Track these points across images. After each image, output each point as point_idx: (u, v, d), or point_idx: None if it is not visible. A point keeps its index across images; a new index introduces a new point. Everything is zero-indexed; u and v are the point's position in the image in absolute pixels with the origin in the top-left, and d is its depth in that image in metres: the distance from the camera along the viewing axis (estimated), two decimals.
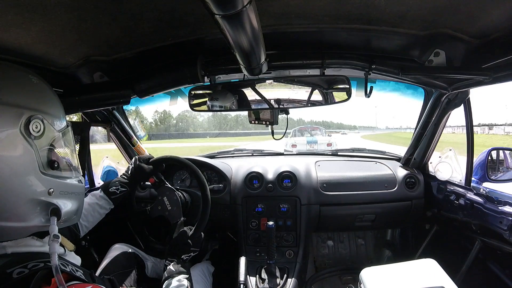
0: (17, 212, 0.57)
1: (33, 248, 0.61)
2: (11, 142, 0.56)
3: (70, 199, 0.66)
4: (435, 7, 0.81)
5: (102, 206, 1.19)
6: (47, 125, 0.61)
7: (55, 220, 0.60)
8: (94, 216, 1.16)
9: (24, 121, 0.57)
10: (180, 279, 1.03)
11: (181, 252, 1.14)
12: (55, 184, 0.62)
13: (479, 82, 1.08)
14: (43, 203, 0.60)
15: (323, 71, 1.16)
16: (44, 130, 0.60)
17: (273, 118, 1.33)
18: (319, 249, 2.15)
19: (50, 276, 0.53)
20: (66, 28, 0.81)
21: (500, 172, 1.53)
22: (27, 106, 0.58)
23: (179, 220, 1.31)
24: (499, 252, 1.24)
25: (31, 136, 0.58)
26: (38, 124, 0.59)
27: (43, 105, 0.62)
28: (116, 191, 1.24)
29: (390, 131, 64.65)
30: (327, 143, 9.82)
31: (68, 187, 0.66)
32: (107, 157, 1.72)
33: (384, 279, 1.15)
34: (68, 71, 1.09)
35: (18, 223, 0.58)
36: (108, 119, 1.57)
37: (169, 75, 1.14)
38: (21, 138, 0.57)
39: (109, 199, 1.21)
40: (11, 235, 0.59)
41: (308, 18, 0.90)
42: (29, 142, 0.58)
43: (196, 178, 1.37)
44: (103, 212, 1.20)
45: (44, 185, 0.60)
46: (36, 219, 0.60)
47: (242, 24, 0.62)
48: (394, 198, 1.66)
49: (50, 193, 0.61)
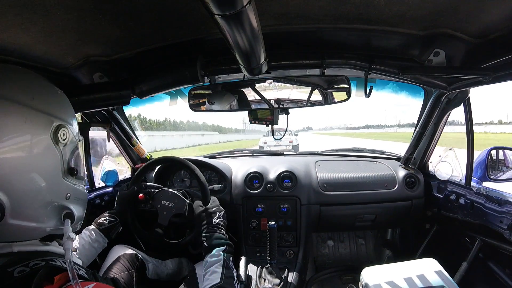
0: (35, 213, 0.60)
1: (37, 247, 0.62)
2: (42, 146, 0.60)
3: (81, 205, 0.71)
4: (434, 6, 0.81)
5: (96, 240, 1.16)
6: (70, 134, 0.65)
7: (69, 222, 0.64)
8: (90, 250, 1.14)
9: (54, 129, 0.62)
10: (217, 253, 1.06)
11: (211, 225, 1.17)
12: (72, 189, 0.66)
13: (479, 82, 1.08)
14: (60, 206, 0.64)
15: (323, 71, 1.16)
16: (68, 139, 0.65)
17: (273, 118, 1.33)
18: (319, 249, 2.15)
19: (53, 274, 0.53)
20: (66, 29, 0.81)
21: (500, 172, 1.52)
22: (56, 115, 0.63)
23: (186, 203, 1.29)
24: (500, 252, 1.24)
25: (59, 143, 0.62)
26: (65, 132, 0.64)
27: (67, 116, 0.67)
28: (105, 222, 1.21)
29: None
30: (289, 140, 13.64)
31: (80, 193, 0.70)
32: (107, 158, 1.72)
33: (385, 279, 1.15)
34: (68, 72, 1.08)
35: (34, 224, 0.60)
36: (108, 119, 1.57)
37: (169, 75, 1.14)
38: (51, 144, 0.61)
39: (99, 230, 1.18)
40: (24, 235, 0.60)
41: (307, 18, 0.90)
42: (57, 148, 0.62)
43: (196, 178, 1.37)
44: (98, 247, 1.17)
45: (63, 190, 0.65)
46: (51, 221, 0.63)
47: (242, 24, 0.62)
48: (394, 198, 1.66)
49: (67, 198, 0.65)
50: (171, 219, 1.31)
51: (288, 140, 13.59)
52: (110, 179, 1.68)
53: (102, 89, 1.16)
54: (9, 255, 0.57)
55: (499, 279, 1.23)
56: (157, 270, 1.34)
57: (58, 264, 0.57)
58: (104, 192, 1.63)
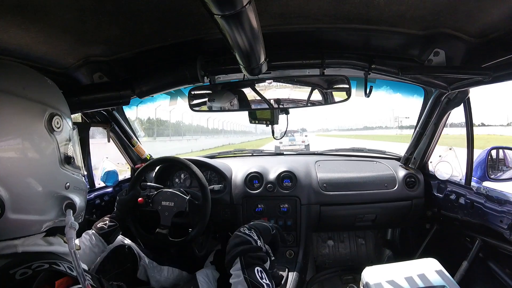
0: (36, 205, 0.60)
1: (41, 247, 0.61)
2: (37, 135, 0.59)
3: (81, 195, 0.70)
4: (434, 6, 0.81)
5: (96, 244, 1.15)
6: (64, 122, 0.65)
7: (71, 212, 0.63)
8: (90, 255, 1.13)
9: (47, 117, 0.61)
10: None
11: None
12: (70, 179, 0.66)
13: (479, 82, 1.08)
14: (60, 197, 0.63)
15: (322, 71, 1.16)
16: (63, 127, 0.64)
17: (273, 117, 1.33)
18: (320, 249, 2.15)
19: (54, 278, 0.53)
20: (66, 29, 0.81)
21: (500, 171, 1.53)
22: (48, 103, 0.62)
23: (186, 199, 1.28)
24: (500, 251, 1.24)
25: (53, 131, 0.62)
26: (58, 120, 0.63)
27: (59, 104, 0.66)
28: (104, 226, 1.20)
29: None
30: (301, 140, 15.53)
31: (79, 183, 0.69)
32: (107, 158, 1.72)
33: (386, 278, 1.15)
34: (68, 72, 1.08)
35: (36, 216, 0.60)
36: (108, 119, 1.57)
37: (169, 75, 1.14)
38: (45, 133, 0.60)
39: (99, 235, 1.17)
40: (27, 230, 0.60)
41: (307, 18, 0.90)
42: (52, 137, 0.61)
43: (196, 178, 1.37)
44: (98, 251, 1.16)
45: (62, 179, 0.64)
46: (53, 212, 0.63)
47: (242, 24, 0.62)
48: (394, 198, 1.66)
49: (67, 188, 0.65)
50: (173, 219, 1.30)
51: (301, 140, 15.46)
52: (110, 179, 1.68)
53: (102, 89, 1.16)
54: (13, 256, 0.56)
55: (499, 279, 1.23)
56: (147, 272, 1.30)
57: (61, 269, 0.56)
58: (104, 192, 1.63)
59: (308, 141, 15.59)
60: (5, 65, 0.63)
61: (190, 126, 24.42)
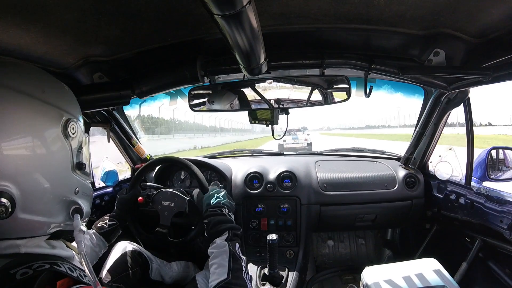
0: (45, 207, 0.60)
1: (44, 250, 0.62)
2: (53, 139, 0.60)
3: (87, 201, 0.71)
4: (434, 6, 0.81)
5: (97, 244, 1.15)
6: (79, 129, 0.66)
7: (78, 217, 0.65)
8: (91, 255, 1.12)
9: (64, 122, 0.62)
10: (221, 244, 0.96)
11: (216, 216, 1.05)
12: (80, 184, 0.67)
13: (479, 82, 1.08)
14: (69, 201, 0.65)
15: (322, 71, 1.16)
16: (77, 133, 0.66)
17: (273, 118, 1.33)
18: (320, 248, 2.15)
19: (55, 278, 0.53)
20: (66, 29, 0.81)
21: (500, 171, 1.52)
22: (65, 109, 0.64)
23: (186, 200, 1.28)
24: (500, 251, 1.24)
25: (68, 137, 0.63)
26: (74, 126, 0.65)
27: (75, 110, 0.68)
28: (105, 225, 1.20)
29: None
30: (304, 139, 15.93)
31: (87, 189, 0.71)
32: (107, 158, 1.72)
33: (386, 278, 1.15)
34: (68, 72, 1.08)
35: (44, 218, 0.60)
36: (107, 119, 1.56)
37: (169, 75, 1.14)
38: (61, 137, 0.62)
39: (99, 234, 1.17)
40: (34, 231, 0.60)
41: (307, 18, 0.90)
42: (67, 142, 0.63)
43: (196, 178, 1.37)
44: (98, 251, 1.15)
45: (73, 184, 0.65)
46: (61, 216, 0.63)
47: (242, 24, 0.62)
48: (394, 198, 1.67)
49: (76, 193, 0.66)
50: (173, 219, 1.30)
51: (303, 138, 16.06)
52: (110, 179, 1.68)
53: (102, 89, 1.16)
54: (15, 256, 0.56)
55: (499, 279, 1.23)
56: (161, 271, 1.33)
57: (62, 270, 0.56)
58: (104, 192, 1.63)
59: (310, 140, 16.04)
60: (25, 68, 0.65)
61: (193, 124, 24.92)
